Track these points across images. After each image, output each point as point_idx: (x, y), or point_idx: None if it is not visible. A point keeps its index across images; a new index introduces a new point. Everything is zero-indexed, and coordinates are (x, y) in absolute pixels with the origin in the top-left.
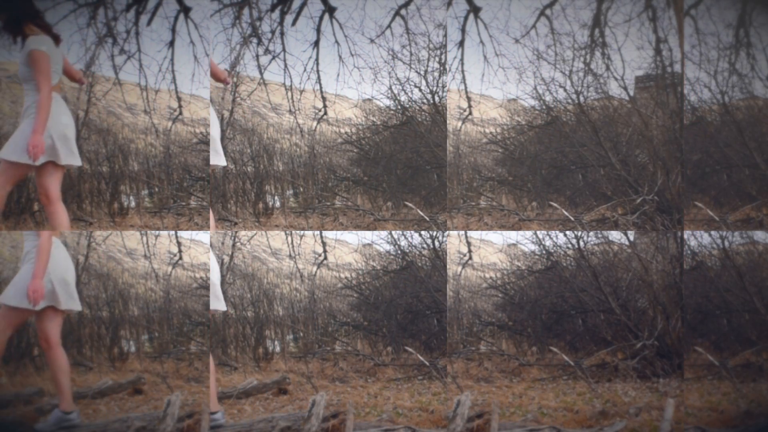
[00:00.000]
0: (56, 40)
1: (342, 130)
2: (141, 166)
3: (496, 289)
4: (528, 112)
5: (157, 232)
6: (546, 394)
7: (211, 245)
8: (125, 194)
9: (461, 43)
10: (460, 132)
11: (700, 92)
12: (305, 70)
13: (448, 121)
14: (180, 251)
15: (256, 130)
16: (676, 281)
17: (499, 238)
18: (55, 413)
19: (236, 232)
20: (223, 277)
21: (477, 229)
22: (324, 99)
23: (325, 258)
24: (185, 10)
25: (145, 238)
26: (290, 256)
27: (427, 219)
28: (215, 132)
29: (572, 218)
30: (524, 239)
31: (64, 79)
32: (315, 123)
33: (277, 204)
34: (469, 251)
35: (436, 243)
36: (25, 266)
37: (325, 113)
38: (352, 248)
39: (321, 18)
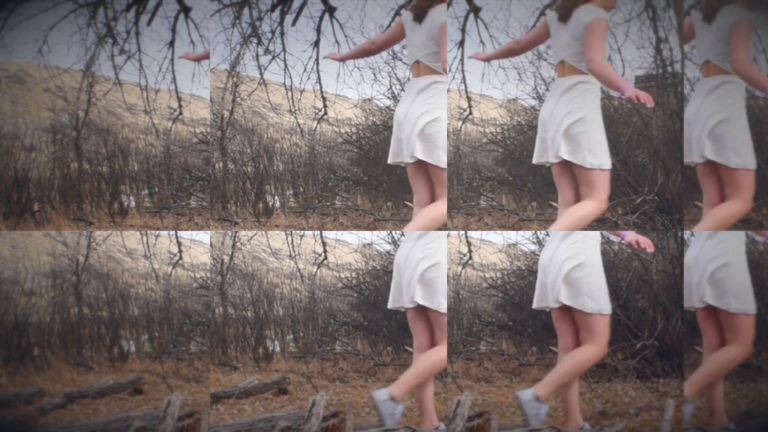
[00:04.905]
0: None
1: (342, 130)
2: (141, 166)
3: (496, 289)
4: (528, 112)
5: (157, 232)
6: None
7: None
8: (125, 194)
9: (461, 43)
10: (460, 132)
11: None
12: (305, 70)
13: (448, 121)
14: (180, 251)
15: (256, 130)
16: (676, 281)
17: (499, 238)
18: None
19: (236, 232)
20: (223, 277)
21: (477, 229)
22: (324, 99)
23: (325, 258)
24: (185, 10)
25: (145, 238)
26: (290, 256)
27: None
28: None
29: None
30: (524, 239)
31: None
32: (315, 123)
33: (277, 204)
34: (469, 251)
35: None
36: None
37: (325, 113)
38: (352, 248)
39: (321, 18)
